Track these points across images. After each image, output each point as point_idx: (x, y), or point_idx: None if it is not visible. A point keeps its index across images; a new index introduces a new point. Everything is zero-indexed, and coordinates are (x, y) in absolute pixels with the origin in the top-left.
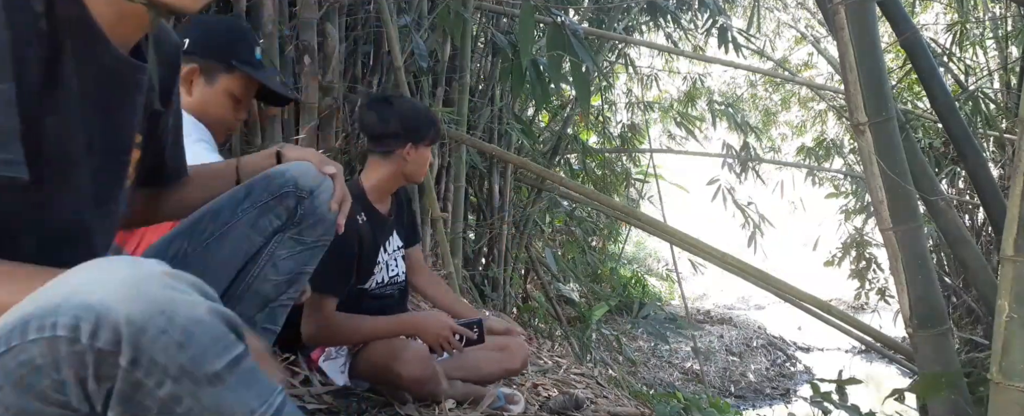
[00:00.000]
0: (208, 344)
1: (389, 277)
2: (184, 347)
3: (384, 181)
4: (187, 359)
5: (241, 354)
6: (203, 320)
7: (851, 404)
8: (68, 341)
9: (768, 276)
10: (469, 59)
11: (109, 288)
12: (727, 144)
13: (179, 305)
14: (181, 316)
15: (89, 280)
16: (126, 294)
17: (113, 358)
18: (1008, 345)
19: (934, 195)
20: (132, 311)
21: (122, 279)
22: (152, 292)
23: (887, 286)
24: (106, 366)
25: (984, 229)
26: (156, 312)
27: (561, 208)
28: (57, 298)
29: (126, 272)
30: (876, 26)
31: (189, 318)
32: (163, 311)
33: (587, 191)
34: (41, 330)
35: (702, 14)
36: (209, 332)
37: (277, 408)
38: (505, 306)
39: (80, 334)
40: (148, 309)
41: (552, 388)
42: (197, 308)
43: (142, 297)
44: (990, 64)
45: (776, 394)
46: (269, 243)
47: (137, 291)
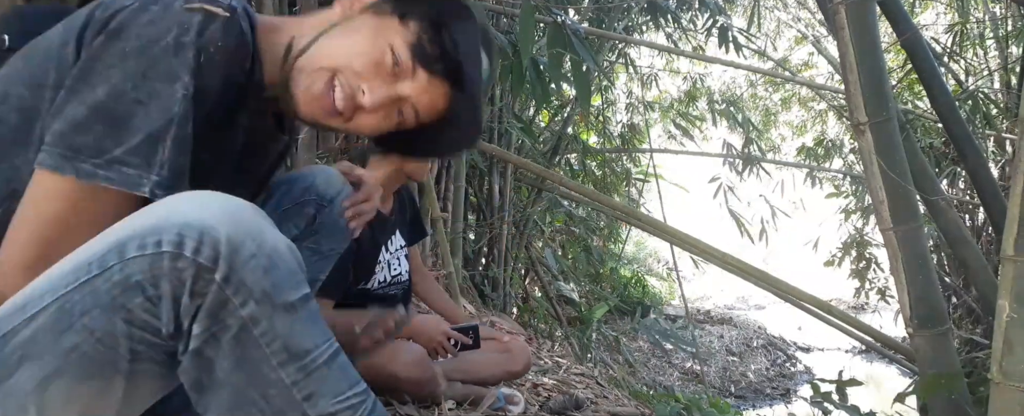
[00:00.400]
0: (287, 275)
1: (391, 276)
2: (268, 273)
3: (385, 180)
4: (270, 284)
5: (309, 294)
6: (284, 253)
7: (851, 404)
8: (171, 256)
9: (768, 276)
10: None
11: (208, 210)
12: (727, 144)
13: (267, 235)
14: (268, 245)
15: (184, 205)
16: (223, 217)
17: (210, 274)
18: (1008, 345)
19: (934, 195)
20: (231, 231)
21: (219, 204)
22: (246, 218)
23: (887, 286)
24: (202, 281)
25: (984, 229)
26: (249, 236)
27: (561, 208)
28: (155, 219)
29: (221, 200)
30: (876, 26)
31: (274, 248)
32: (254, 236)
33: (587, 191)
34: (143, 248)
35: (702, 14)
36: (288, 265)
37: (336, 350)
38: (505, 306)
39: (184, 249)
40: (242, 232)
41: (552, 388)
42: (280, 242)
43: (237, 221)
44: (990, 64)
45: (776, 394)
46: None
47: (233, 216)
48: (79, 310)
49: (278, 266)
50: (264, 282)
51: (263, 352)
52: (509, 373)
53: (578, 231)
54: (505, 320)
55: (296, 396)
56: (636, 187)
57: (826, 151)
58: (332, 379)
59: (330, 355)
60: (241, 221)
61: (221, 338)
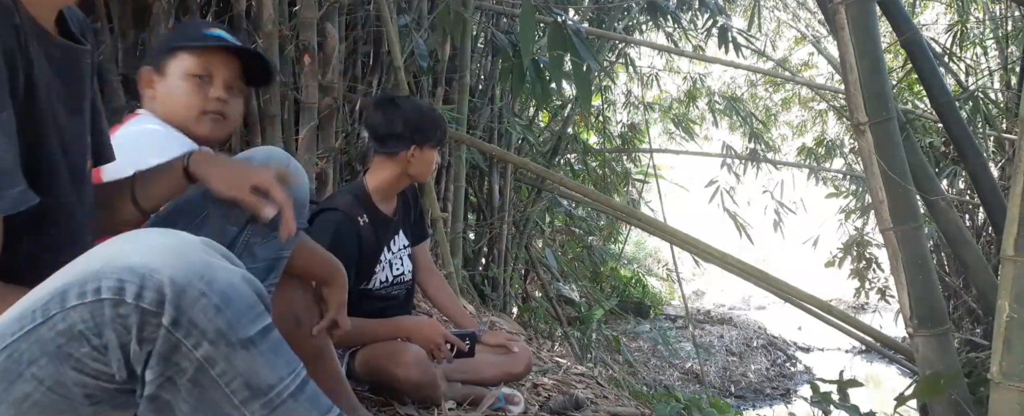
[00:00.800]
0: (243, 310)
1: (394, 276)
2: (221, 311)
3: (389, 182)
4: (224, 323)
5: (270, 324)
6: (238, 287)
7: (851, 404)
8: (112, 303)
9: (768, 276)
10: (469, 59)
11: (150, 252)
12: (727, 145)
13: (217, 271)
14: (219, 281)
15: (127, 247)
16: (167, 258)
17: (156, 318)
18: (1008, 345)
19: (934, 195)
20: (174, 273)
21: (162, 245)
22: (191, 257)
23: (887, 286)
24: (149, 327)
25: (984, 229)
26: (196, 276)
27: (561, 208)
28: (96, 265)
29: (164, 239)
30: (876, 26)
31: (226, 283)
32: (202, 275)
33: (587, 191)
34: (82, 296)
35: (702, 14)
36: (244, 299)
37: (303, 380)
38: (505, 306)
39: (125, 295)
40: (189, 272)
41: (552, 388)
42: (233, 275)
43: (182, 261)
44: (990, 64)
45: (776, 394)
46: (243, 232)
47: (177, 255)
48: (27, 359)
49: (232, 302)
50: (217, 321)
51: (223, 392)
52: (510, 374)
53: (578, 231)
54: (505, 320)
55: None
56: (636, 187)
57: (826, 151)
58: (300, 411)
59: (297, 387)
60: (187, 261)
61: (177, 381)
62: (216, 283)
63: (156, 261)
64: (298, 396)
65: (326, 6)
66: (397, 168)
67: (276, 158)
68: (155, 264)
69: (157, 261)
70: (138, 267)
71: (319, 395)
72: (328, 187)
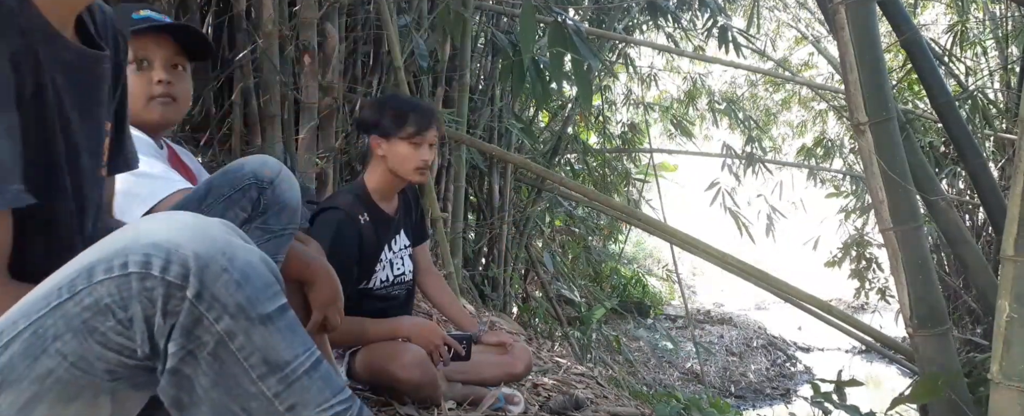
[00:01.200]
0: (261, 287)
1: (394, 276)
2: (241, 286)
3: (379, 179)
4: (244, 298)
5: (286, 304)
6: (256, 265)
7: (851, 404)
8: (139, 277)
9: (768, 276)
10: (469, 59)
11: (174, 229)
12: (727, 145)
13: (237, 249)
14: (239, 259)
15: (152, 225)
16: (191, 234)
17: (181, 291)
18: (1008, 345)
19: (934, 195)
20: (198, 248)
21: (185, 223)
22: (214, 234)
23: (887, 286)
24: (173, 300)
25: (984, 229)
26: (218, 252)
27: (561, 208)
28: (123, 242)
29: (186, 218)
30: (876, 26)
31: (246, 261)
32: (224, 252)
33: (587, 191)
34: (109, 271)
35: (702, 14)
36: (262, 277)
37: (317, 359)
38: (505, 306)
39: (152, 268)
40: (211, 248)
41: (552, 388)
42: (252, 254)
43: (205, 237)
44: (990, 64)
45: (776, 394)
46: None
47: (201, 233)
48: (52, 335)
49: (251, 279)
50: (238, 296)
51: (242, 366)
52: (510, 375)
53: (578, 231)
54: (505, 320)
55: (278, 408)
56: (636, 187)
57: (826, 151)
58: (314, 388)
59: (311, 364)
60: (210, 238)
61: (198, 355)
62: (237, 260)
63: (180, 237)
64: (312, 374)
65: (326, 6)
66: (379, 163)
67: (269, 166)
68: (180, 240)
69: (181, 237)
70: (164, 243)
71: (332, 374)
72: (328, 187)
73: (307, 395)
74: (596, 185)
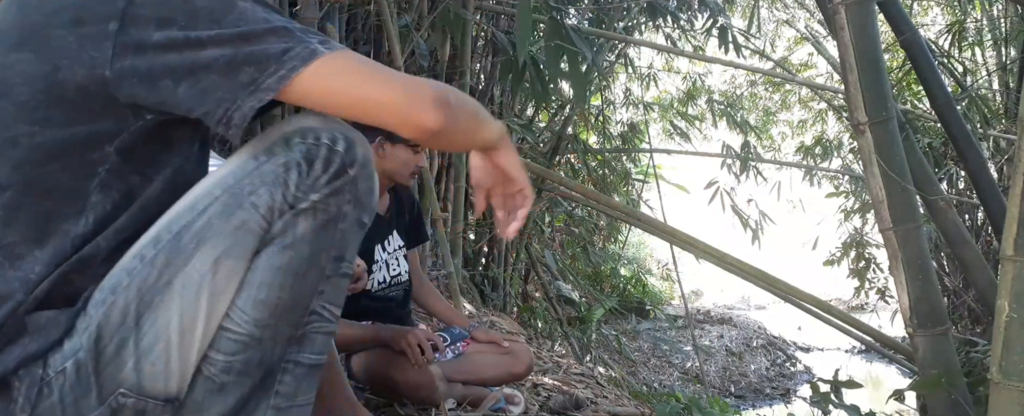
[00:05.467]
0: (373, 202)
1: (391, 277)
2: (370, 193)
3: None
4: (366, 200)
5: (368, 225)
6: (376, 182)
7: (851, 404)
8: (328, 148)
9: (768, 276)
10: (469, 59)
11: (352, 131)
12: (727, 145)
13: (374, 168)
14: (373, 175)
15: (332, 121)
16: (361, 139)
17: (347, 169)
18: (1008, 345)
19: (934, 195)
20: (365, 152)
21: (355, 130)
22: (370, 150)
23: (887, 286)
24: (340, 173)
25: (984, 229)
26: (369, 161)
27: (561, 208)
28: (313, 124)
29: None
30: (876, 26)
31: (374, 179)
32: (372, 163)
33: (587, 191)
34: (304, 139)
35: (702, 14)
36: (376, 196)
37: (350, 273)
38: (505, 306)
39: (337, 145)
40: (369, 156)
41: (552, 388)
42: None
43: (367, 148)
44: (988, 65)
45: (776, 394)
46: None
47: (364, 143)
48: (248, 191)
49: (372, 192)
50: (364, 197)
51: (331, 241)
52: (511, 375)
53: (578, 231)
54: (505, 320)
55: (318, 286)
56: (636, 187)
57: (825, 150)
58: (337, 291)
59: (346, 273)
60: (369, 149)
61: (317, 214)
62: (373, 175)
63: (356, 137)
64: (343, 280)
65: (326, 6)
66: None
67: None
68: (355, 138)
69: (357, 137)
70: (347, 134)
71: (344, 293)
72: None
73: (334, 292)
74: (596, 185)
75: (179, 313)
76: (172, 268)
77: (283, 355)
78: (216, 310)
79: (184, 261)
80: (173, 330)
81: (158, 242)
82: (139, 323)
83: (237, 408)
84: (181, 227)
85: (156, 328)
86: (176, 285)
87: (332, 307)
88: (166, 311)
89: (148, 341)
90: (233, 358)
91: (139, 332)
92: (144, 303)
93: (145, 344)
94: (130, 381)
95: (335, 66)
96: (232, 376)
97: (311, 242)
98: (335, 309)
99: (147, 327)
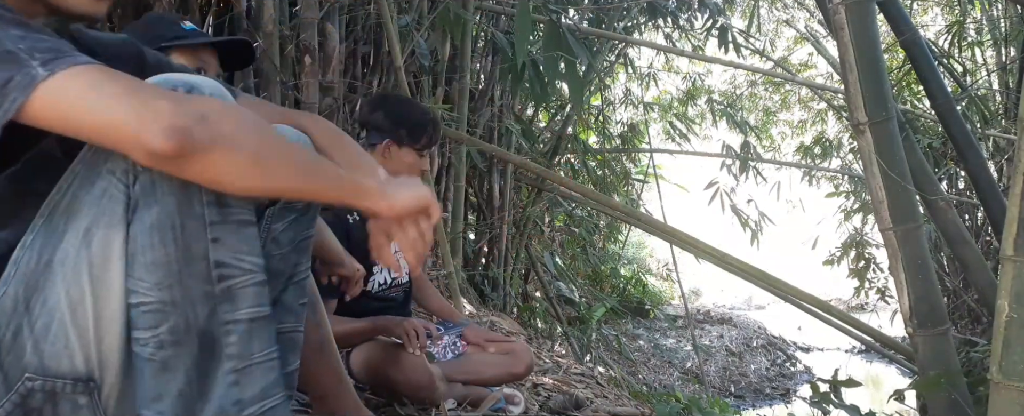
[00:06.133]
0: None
1: (391, 278)
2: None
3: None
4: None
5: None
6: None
7: (851, 404)
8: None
9: (768, 276)
10: (469, 59)
11: (194, 79)
12: (726, 145)
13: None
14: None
15: (192, 76)
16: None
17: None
18: (1008, 345)
19: (934, 195)
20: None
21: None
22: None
23: (886, 286)
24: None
25: (984, 229)
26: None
27: (561, 208)
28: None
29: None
30: (876, 26)
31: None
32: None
33: (587, 191)
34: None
35: (702, 14)
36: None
37: (249, 221)
38: (505, 306)
39: (178, 92)
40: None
41: (552, 388)
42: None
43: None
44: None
45: (776, 394)
46: (262, 219)
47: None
48: (102, 159)
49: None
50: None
51: (196, 186)
52: (511, 375)
53: (578, 231)
54: (505, 320)
55: (206, 235)
56: (635, 188)
57: (824, 150)
58: (240, 237)
59: (245, 220)
60: (214, 87)
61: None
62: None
63: (185, 77)
64: (243, 228)
65: (326, 6)
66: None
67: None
68: (185, 78)
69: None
70: (175, 78)
71: (255, 241)
72: None
73: (232, 238)
74: (596, 185)
75: (65, 290)
76: (49, 248)
77: (213, 316)
78: (103, 281)
79: (58, 239)
80: (64, 307)
81: (33, 227)
82: (29, 307)
83: (193, 381)
84: (51, 208)
85: (47, 308)
86: (55, 264)
87: (247, 257)
88: (53, 290)
89: (42, 322)
90: (157, 330)
91: (30, 316)
92: (30, 287)
93: (40, 326)
94: (33, 364)
95: (60, 89)
96: (168, 349)
97: (175, 193)
98: (253, 259)
99: (37, 309)
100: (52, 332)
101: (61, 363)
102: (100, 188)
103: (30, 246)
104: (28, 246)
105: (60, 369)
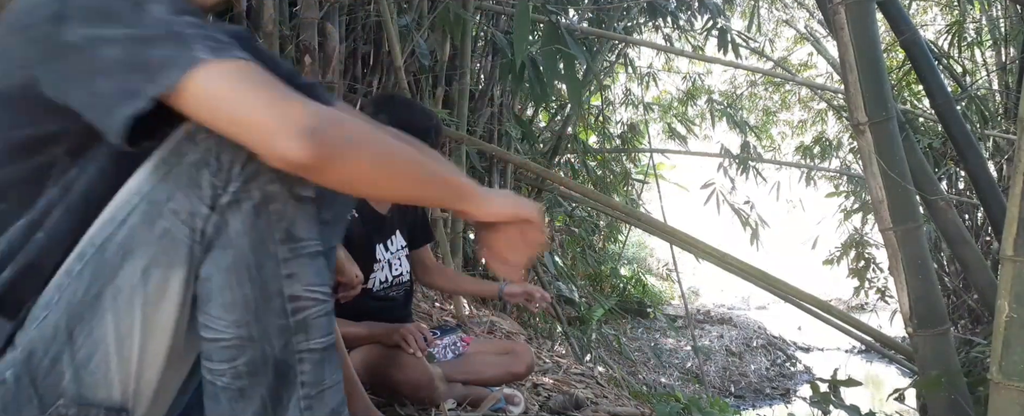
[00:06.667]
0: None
1: (393, 277)
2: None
3: None
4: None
5: (315, 196)
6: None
7: (851, 404)
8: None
9: (768, 276)
10: (469, 59)
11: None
12: (724, 147)
13: None
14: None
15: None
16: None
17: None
18: (1008, 345)
19: (934, 195)
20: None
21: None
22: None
23: (886, 286)
24: (252, 160)
25: (984, 229)
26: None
27: (561, 208)
28: None
29: None
30: (876, 26)
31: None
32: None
33: (587, 191)
34: (208, 133)
35: (701, 15)
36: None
37: (321, 251)
38: (505, 306)
39: None
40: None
41: (552, 388)
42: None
43: None
44: (989, 65)
45: (776, 394)
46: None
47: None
48: (165, 197)
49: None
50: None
51: (269, 225)
52: (512, 375)
53: (578, 231)
54: (505, 320)
55: (281, 271)
56: (635, 187)
57: (824, 150)
58: (312, 270)
59: (315, 251)
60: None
61: (242, 204)
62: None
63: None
64: (315, 258)
65: (326, 6)
66: None
67: None
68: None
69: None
70: None
71: (325, 270)
72: None
73: (305, 271)
74: (596, 185)
75: (114, 324)
76: (99, 281)
77: (288, 347)
78: (154, 319)
79: (111, 273)
80: (110, 340)
81: (83, 256)
82: (72, 336)
83: (267, 407)
84: (104, 239)
85: (92, 339)
86: (106, 297)
87: (318, 288)
88: (101, 322)
89: (85, 352)
90: (235, 363)
91: (73, 345)
92: (74, 316)
93: (82, 356)
94: (70, 392)
95: (214, 77)
96: (245, 380)
97: (248, 233)
98: (322, 288)
99: (81, 340)
100: (93, 362)
101: (98, 392)
102: (161, 227)
103: (78, 275)
104: (76, 275)
105: (96, 397)
